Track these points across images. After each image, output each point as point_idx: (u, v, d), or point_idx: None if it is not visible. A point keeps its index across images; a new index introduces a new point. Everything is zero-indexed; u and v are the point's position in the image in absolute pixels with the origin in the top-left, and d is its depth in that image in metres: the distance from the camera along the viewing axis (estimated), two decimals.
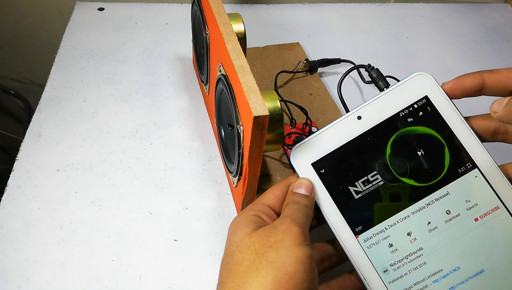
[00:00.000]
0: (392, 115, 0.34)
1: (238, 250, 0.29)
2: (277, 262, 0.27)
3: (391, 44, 0.66)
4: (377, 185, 0.33)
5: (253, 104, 0.31)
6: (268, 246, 0.28)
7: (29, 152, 0.46)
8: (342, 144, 0.34)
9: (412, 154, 0.33)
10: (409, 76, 0.35)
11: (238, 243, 0.29)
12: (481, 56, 0.66)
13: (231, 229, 0.31)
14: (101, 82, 0.55)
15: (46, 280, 0.37)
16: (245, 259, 0.28)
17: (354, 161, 0.34)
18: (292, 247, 0.28)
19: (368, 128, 0.34)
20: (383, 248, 0.32)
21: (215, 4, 0.40)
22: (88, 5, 0.67)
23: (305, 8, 0.72)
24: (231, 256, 0.29)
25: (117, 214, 0.42)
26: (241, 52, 0.35)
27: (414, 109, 0.34)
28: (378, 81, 0.39)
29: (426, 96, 0.34)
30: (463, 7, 0.76)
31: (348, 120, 0.34)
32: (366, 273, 0.31)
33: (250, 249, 0.28)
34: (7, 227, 0.40)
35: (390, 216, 0.32)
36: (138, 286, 0.37)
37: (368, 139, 0.34)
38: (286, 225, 0.29)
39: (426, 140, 0.33)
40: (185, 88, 0.55)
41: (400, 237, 0.32)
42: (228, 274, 0.28)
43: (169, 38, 0.62)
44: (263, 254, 0.28)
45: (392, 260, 0.32)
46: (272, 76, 0.55)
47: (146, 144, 0.48)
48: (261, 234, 0.29)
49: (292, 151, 0.34)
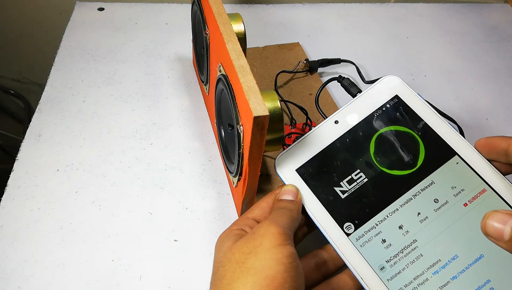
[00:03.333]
0: (367, 116, 0.36)
1: (221, 265, 0.29)
2: (256, 267, 0.27)
3: (391, 44, 0.66)
4: (362, 183, 0.34)
5: (253, 104, 0.31)
6: (247, 253, 0.28)
7: (29, 152, 0.46)
8: (323, 148, 0.35)
9: (392, 149, 0.35)
10: (377, 80, 0.37)
11: (221, 259, 0.29)
12: (481, 56, 0.66)
13: (217, 247, 0.31)
14: (101, 82, 0.55)
15: (46, 280, 0.37)
16: (227, 272, 0.28)
17: (336, 162, 0.35)
18: (271, 249, 0.28)
19: (346, 130, 0.36)
20: (376, 244, 0.32)
21: (215, 4, 0.40)
22: (88, 5, 0.67)
23: (305, 8, 0.72)
24: (216, 273, 0.29)
25: (117, 214, 0.42)
26: (241, 52, 0.35)
27: (387, 108, 0.36)
28: (350, 88, 0.41)
29: (396, 96, 0.37)
30: (463, 7, 0.76)
31: (326, 125, 0.36)
32: (362, 273, 0.31)
33: (231, 261, 0.28)
34: (7, 227, 0.40)
35: (379, 211, 0.33)
36: (138, 286, 0.37)
37: (347, 141, 0.35)
38: (265, 227, 0.29)
39: (402, 135, 0.35)
40: (185, 88, 0.55)
41: (392, 231, 0.32)
42: (215, 289, 0.28)
43: (169, 38, 0.62)
44: (243, 262, 0.28)
45: (387, 256, 0.31)
46: (272, 76, 0.55)
47: (146, 144, 0.48)
48: (240, 243, 0.29)
49: (276, 161, 0.35)
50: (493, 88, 0.61)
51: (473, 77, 0.62)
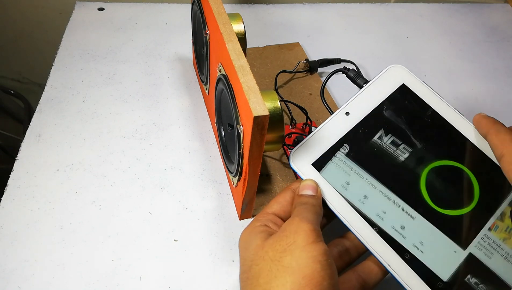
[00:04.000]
0: (377, 106, 0.36)
1: (254, 263, 0.29)
2: (293, 266, 0.27)
3: (391, 44, 0.66)
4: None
5: (253, 104, 0.31)
6: (282, 251, 0.28)
7: (29, 152, 0.46)
8: (338, 140, 0.35)
9: (404, 135, 0.36)
10: (383, 70, 0.38)
11: (252, 257, 0.29)
12: (481, 56, 0.66)
13: (242, 245, 0.31)
14: (101, 82, 0.55)
15: (46, 280, 0.37)
16: (263, 270, 0.28)
17: None
18: (306, 247, 0.28)
19: (357, 121, 0.36)
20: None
21: (215, 4, 0.40)
22: (88, 5, 0.67)
23: (305, 8, 0.72)
24: (248, 270, 0.29)
25: (117, 214, 0.42)
26: (241, 52, 0.35)
27: (395, 97, 0.37)
28: (356, 80, 0.41)
29: (403, 84, 0.37)
30: (463, 7, 0.76)
31: (338, 117, 0.36)
32: (388, 259, 0.31)
33: (264, 259, 0.28)
34: (7, 227, 0.40)
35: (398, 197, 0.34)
36: (138, 286, 0.37)
37: (360, 131, 0.35)
38: (296, 225, 0.29)
39: (412, 122, 0.36)
40: (185, 88, 0.55)
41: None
42: (250, 288, 0.28)
43: (169, 38, 0.62)
44: (278, 260, 0.27)
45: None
46: (272, 76, 0.55)
47: (146, 144, 0.48)
48: (272, 242, 0.29)
49: (291, 156, 0.35)
50: (493, 88, 0.61)
51: (473, 77, 0.62)
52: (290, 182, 0.44)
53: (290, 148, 0.47)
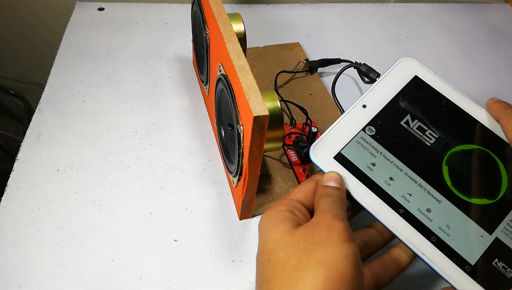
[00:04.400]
0: (392, 99, 0.37)
1: (280, 247, 0.28)
2: (326, 260, 0.27)
3: (391, 44, 0.66)
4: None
5: (253, 104, 0.31)
6: (314, 243, 0.28)
7: (29, 152, 0.46)
8: (358, 132, 0.36)
9: (424, 125, 0.36)
10: (394, 63, 0.39)
11: (278, 240, 0.29)
12: (481, 56, 0.66)
13: (264, 224, 0.30)
14: (101, 82, 0.55)
15: (46, 280, 0.37)
16: (291, 258, 0.27)
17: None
18: (339, 244, 0.27)
19: (375, 113, 0.36)
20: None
21: (215, 4, 0.40)
22: (88, 5, 0.67)
23: (305, 8, 0.72)
24: (271, 253, 0.28)
25: (117, 214, 0.42)
26: (241, 52, 0.35)
27: (409, 89, 0.38)
28: (369, 74, 0.41)
29: (415, 76, 0.38)
30: (463, 7, 0.76)
31: (355, 110, 0.36)
32: (415, 241, 0.31)
33: (294, 247, 0.28)
34: (7, 227, 0.40)
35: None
36: (138, 286, 0.37)
37: (379, 123, 0.36)
38: (329, 221, 0.29)
39: (429, 113, 0.37)
40: (185, 88, 0.55)
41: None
42: (274, 272, 0.27)
43: (169, 38, 0.62)
44: (310, 252, 0.27)
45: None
46: (272, 76, 0.55)
47: (146, 144, 0.48)
48: (304, 232, 0.29)
49: (311, 151, 0.35)
50: (493, 88, 0.61)
51: (473, 77, 0.62)
52: (290, 182, 0.44)
53: (290, 148, 0.47)
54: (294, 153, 0.47)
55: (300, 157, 0.46)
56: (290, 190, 0.44)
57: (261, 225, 0.31)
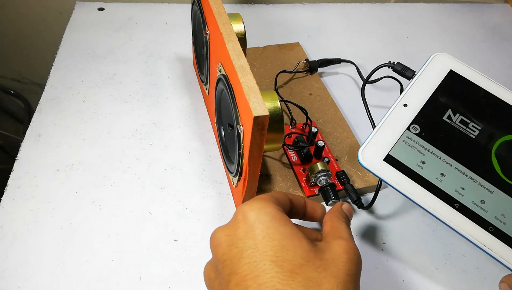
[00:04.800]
0: (431, 95, 0.37)
1: (310, 267, 0.26)
2: (355, 282, 0.27)
3: (391, 44, 0.66)
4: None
5: (253, 104, 0.31)
6: (347, 274, 0.27)
7: (29, 152, 0.46)
8: (403, 131, 0.36)
9: (468, 114, 0.37)
10: (427, 60, 0.40)
11: (305, 257, 0.26)
12: (481, 56, 0.66)
13: (272, 225, 0.27)
14: (101, 82, 0.55)
15: (46, 280, 0.37)
16: (325, 281, 0.26)
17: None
18: (359, 282, 0.28)
19: (417, 111, 0.37)
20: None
21: (215, 4, 0.40)
22: (88, 5, 0.67)
23: (305, 8, 0.72)
24: (300, 268, 0.26)
25: (117, 214, 0.42)
26: (241, 52, 0.35)
27: (447, 83, 0.38)
28: (405, 72, 0.42)
29: (450, 70, 0.39)
30: (463, 7, 0.76)
31: (396, 110, 0.37)
32: (474, 234, 0.32)
33: (327, 271, 0.26)
34: (7, 227, 0.40)
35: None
36: (138, 286, 0.37)
37: (422, 120, 0.36)
38: (358, 256, 0.29)
39: (471, 105, 0.37)
40: (185, 88, 0.55)
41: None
42: (306, 289, 0.25)
43: (169, 38, 0.62)
44: (344, 282, 0.26)
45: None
46: (272, 76, 0.55)
47: (146, 144, 0.48)
48: (334, 257, 0.28)
49: (360, 156, 0.35)
50: None
51: None
52: (290, 182, 0.44)
53: (290, 148, 0.47)
54: (294, 153, 0.47)
55: (300, 157, 0.46)
56: (291, 190, 0.44)
57: (268, 223, 0.27)
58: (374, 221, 0.43)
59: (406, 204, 0.44)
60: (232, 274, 0.26)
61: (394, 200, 0.45)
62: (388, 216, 0.43)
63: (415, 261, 0.40)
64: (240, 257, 0.26)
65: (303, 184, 0.44)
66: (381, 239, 0.41)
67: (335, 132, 0.49)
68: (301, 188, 0.44)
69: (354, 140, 0.49)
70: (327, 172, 0.42)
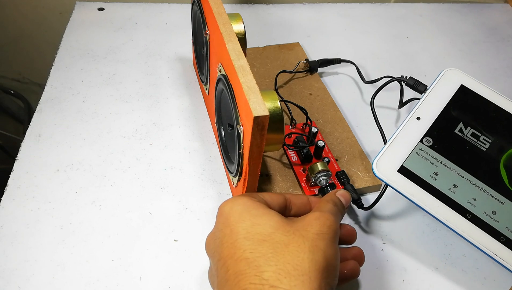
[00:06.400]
0: (443, 109, 0.39)
1: (280, 232, 0.29)
2: (326, 252, 0.29)
3: (391, 44, 0.66)
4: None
5: (253, 104, 0.31)
6: (316, 234, 0.29)
7: (29, 152, 0.46)
8: (416, 145, 0.37)
9: (479, 127, 0.38)
10: (438, 75, 0.41)
11: (276, 225, 0.30)
12: (481, 56, 0.66)
13: (245, 210, 0.31)
14: (101, 82, 0.55)
15: (46, 280, 0.37)
16: (293, 241, 0.29)
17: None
18: (335, 243, 0.30)
19: (429, 124, 0.38)
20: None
21: (215, 4, 0.40)
22: (88, 5, 0.67)
23: (305, 8, 0.72)
24: (269, 235, 0.29)
25: (117, 214, 0.42)
26: (241, 52, 0.35)
27: (458, 98, 0.39)
28: (417, 86, 0.43)
29: (461, 85, 0.40)
30: (463, 7, 0.76)
31: (410, 123, 0.38)
32: (485, 243, 0.33)
33: (295, 234, 0.29)
34: (7, 227, 0.40)
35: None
36: (138, 286, 0.37)
37: (435, 133, 0.38)
38: (332, 221, 0.31)
39: (480, 118, 0.39)
40: (185, 88, 0.55)
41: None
42: (274, 250, 0.28)
43: (169, 38, 0.62)
44: (313, 240, 0.29)
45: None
46: (272, 76, 0.55)
47: (146, 144, 0.48)
48: (304, 223, 0.30)
49: (375, 167, 0.36)
50: (493, 88, 0.61)
51: (473, 77, 0.62)
52: (290, 182, 0.44)
53: (290, 148, 0.47)
54: (294, 153, 0.47)
55: (300, 157, 0.46)
56: (291, 190, 0.44)
57: (240, 210, 0.31)
58: (374, 221, 0.43)
59: (406, 205, 0.44)
60: (219, 261, 0.30)
61: (394, 201, 0.45)
62: (388, 216, 0.43)
63: (415, 261, 0.40)
64: (221, 244, 0.30)
65: (303, 184, 0.44)
66: (381, 239, 0.41)
67: (335, 132, 0.49)
68: (301, 188, 0.44)
69: (354, 140, 0.49)
70: (327, 172, 0.42)
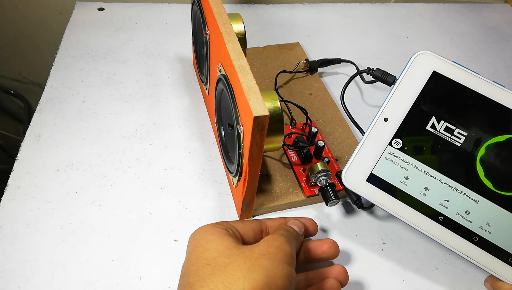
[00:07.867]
0: (413, 104, 0.35)
1: (224, 255, 0.29)
2: (269, 270, 0.28)
3: (391, 44, 0.66)
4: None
5: (253, 104, 0.31)
6: (261, 254, 0.29)
7: (29, 152, 0.46)
8: (384, 149, 0.35)
9: (452, 120, 0.35)
10: (408, 61, 0.36)
11: (222, 250, 0.30)
12: (481, 56, 0.66)
13: (204, 236, 0.32)
14: (101, 82, 0.55)
15: (46, 280, 0.37)
16: (234, 262, 0.28)
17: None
18: (284, 263, 0.29)
19: (398, 125, 0.35)
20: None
21: (215, 4, 0.40)
22: (88, 5, 0.67)
23: (305, 8, 0.72)
24: (213, 259, 0.29)
25: (117, 214, 0.42)
26: (241, 52, 0.35)
27: (430, 88, 0.35)
28: (385, 78, 0.39)
29: (434, 72, 0.35)
30: (463, 7, 0.76)
31: (377, 125, 0.35)
32: (463, 249, 0.33)
33: (239, 255, 0.29)
34: (7, 227, 0.40)
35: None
36: (138, 286, 0.37)
37: (404, 134, 0.35)
38: (281, 242, 0.31)
39: (455, 113, 0.35)
40: (185, 88, 0.55)
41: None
42: (213, 272, 0.28)
43: (169, 38, 0.62)
44: (256, 259, 0.28)
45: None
46: (272, 76, 0.55)
47: (146, 144, 0.48)
48: (252, 246, 0.30)
49: (344, 178, 0.35)
50: None
51: None
52: (290, 182, 0.44)
53: (290, 148, 0.47)
54: (294, 153, 0.47)
55: (300, 157, 0.46)
56: (290, 190, 0.44)
57: (199, 237, 0.32)
58: (374, 221, 0.43)
59: None
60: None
61: None
62: (388, 216, 0.43)
63: (415, 261, 0.40)
64: (181, 273, 0.31)
65: (303, 184, 0.44)
66: (381, 239, 0.41)
67: (335, 132, 0.49)
68: (301, 188, 0.44)
69: (354, 140, 0.49)
70: (327, 172, 0.42)
